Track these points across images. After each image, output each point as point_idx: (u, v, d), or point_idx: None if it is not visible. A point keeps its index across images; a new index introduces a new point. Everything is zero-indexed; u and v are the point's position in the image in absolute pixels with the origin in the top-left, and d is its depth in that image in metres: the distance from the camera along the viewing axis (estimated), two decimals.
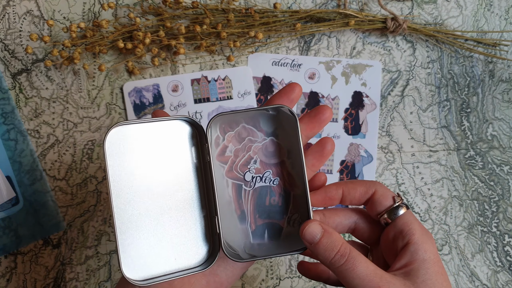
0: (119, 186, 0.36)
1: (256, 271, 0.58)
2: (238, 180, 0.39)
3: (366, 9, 0.59)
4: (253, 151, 0.39)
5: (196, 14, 0.57)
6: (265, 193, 0.39)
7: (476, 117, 0.59)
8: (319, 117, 0.39)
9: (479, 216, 0.58)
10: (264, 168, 0.39)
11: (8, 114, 0.56)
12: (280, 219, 0.39)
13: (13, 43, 0.56)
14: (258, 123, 0.39)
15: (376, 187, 0.38)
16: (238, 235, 0.38)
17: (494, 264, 0.58)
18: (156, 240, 0.37)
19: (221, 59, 0.58)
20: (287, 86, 0.40)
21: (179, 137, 0.38)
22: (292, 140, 0.38)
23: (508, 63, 0.59)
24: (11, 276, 0.56)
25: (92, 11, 0.57)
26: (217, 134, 0.38)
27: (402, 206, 0.37)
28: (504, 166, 0.59)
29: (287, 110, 0.37)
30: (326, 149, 0.40)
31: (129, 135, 0.37)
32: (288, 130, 0.38)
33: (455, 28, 0.59)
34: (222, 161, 0.39)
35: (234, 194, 0.39)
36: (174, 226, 0.38)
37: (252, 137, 0.39)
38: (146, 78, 0.57)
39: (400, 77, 0.59)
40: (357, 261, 0.33)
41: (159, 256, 0.37)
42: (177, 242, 0.38)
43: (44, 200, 0.56)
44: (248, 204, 0.39)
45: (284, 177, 0.39)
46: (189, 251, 0.38)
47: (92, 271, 0.57)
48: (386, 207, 0.37)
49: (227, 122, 0.38)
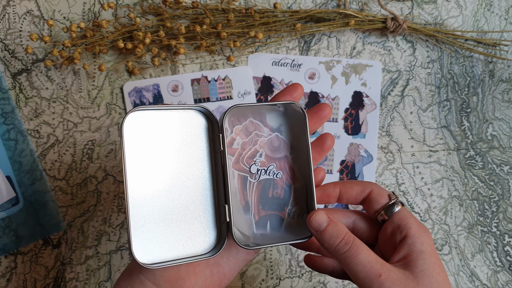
0: (133, 168, 0.37)
1: (256, 271, 0.58)
2: (244, 172, 0.40)
3: (366, 9, 0.59)
4: (259, 145, 0.40)
5: (196, 14, 0.57)
6: (268, 185, 0.40)
7: (476, 117, 0.59)
8: (319, 114, 0.41)
9: (479, 216, 0.59)
10: (268, 162, 0.40)
11: (8, 114, 0.56)
12: (281, 211, 0.41)
13: (13, 43, 0.56)
14: (265, 119, 0.41)
15: (372, 187, 0.40)
16: (242, 225, 0.40)
17: (494, 264, 0.58)
18: (166, 225, 0.38)
19: (221, 59, 0.58)
20: (291, 86, 0.41)
21: (193, 126, 0.40)
22: (296, 136, 0.40)
23: (508, 63, 0.59)
24: (11, 276, 0.56)
25: (92, 11, 0.57)
26: (225, 127, 0.40)
27: (398, 204, 0.39)
28: (504, 166, 0.59)
29: (298, 106, 0.39)
30: (326, 144, 0.42)
31: (146, 120, 0.38)
32: (293, 126, 0.40)
33: (455, 28, 0.59)
34: (230, 153, 0.40)
35: (239, 185, 0.40)
36: (183, 212, 0.38)
37: (259, 131, 0.41)
38: (146, 78, 0.57)
39: (400, 77, 0.59)
40: (360, 249, 0.35)
41: (168, 241, 0.38)
42: (186, 229, 0.39)
43: (44, 200, 0.56)
44: (252, 196, 0.40)
45: (287, 171, 0.41)
46: (197, 238, 0.39)
47: (92, 271, 0.57)
48: (383, 205, 0.39)
49: (235, 115, 0.40)
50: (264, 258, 0.58)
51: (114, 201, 0.57)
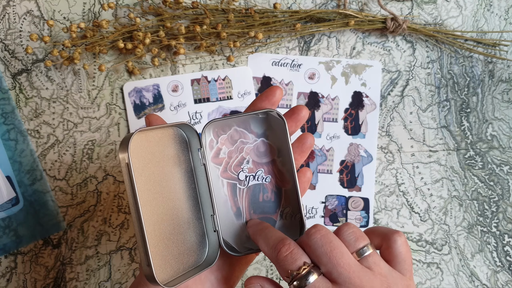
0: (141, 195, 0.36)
1: (256, 271, 0.58)
2: (232, 180, 0.41)
3: (366, 9, 0.59)
4: (245, 152, 0.41)
5: (196, 14, 0.57)
6: (258, 190, 0.41)
7: (476, 117, 0.59)
8: (295, 117, 0.40)
9: (479, 216, 0.59)
10: (256, 167, 0.41)
11: (8, 114, 0.56)
12: (273, 213, 0.41)
13: (13, 43, 0.56)
14: (249, 126, 0.41)
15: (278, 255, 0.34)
16: (235, 231, 0.41)
17: (494, 264, 0.58)
18: (167, 241, 0.38)
19: (221, 59, 0.58)
20: (268, 90, 0.41)
21: (177, 142, 0.40)
22: (281, 140, 0.40)
23: (508, 63, 0.59)
24: (11, 276, 0.56)
25: (92, 11, 0.57)
26: (211, 138, 0.41)
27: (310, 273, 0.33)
28: (504, 166, 0.59)
29: (276, 114, 0.39)
30: (305, 144, 0.41)
31: (137, 143, 0.37)
32: (277, 131, 0.41)
33: (455, 28, 0.59)
34: (217, 162, 0.41)
35: (229, 193, 0.41)
36: (179, 226, 0.39)
37: (244, 139, 0.41)
38: (146, 78, 0.57)
39: (400, 77, 0.59)
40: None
41: (174, 256, 0.38)
42: (185, 241, 0.39)
43: (44, 200, 0.56)
44: (243, 201, 0.41)
45: (276, 174, 0.41)
46: (196, 248, 0.40)
47: (92, 271, 0.57)
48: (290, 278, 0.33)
49: (220, 126, 0.41)
50: (264, 258, 0.58)
51: (114, 201, 0.57)
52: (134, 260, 0.57)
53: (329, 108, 0.59)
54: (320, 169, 0.59)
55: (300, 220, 0.40)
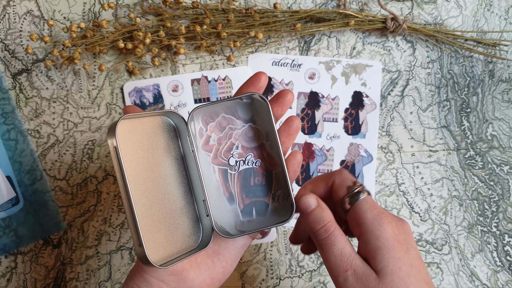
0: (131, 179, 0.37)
1: (256, 271, 0.58)
2: (223, 166, 0.42)
3: (366, 9, 0.59)
4: (234, 137, 0.42)
5: (196, 14, 0.57)
6: (249, 174, 0.42)
7: (476, 117, 0.59)
8: (280, 101, 0.41)
9: (479, 216, 0.59)
10: (246, 152, 0.42)
11: (8, 114, 0.56)
12: (265, 197, 0.42)
13: (13, 43, 0.56)
14: (236, 112, 0.42)
15: (335, 178, 0.40)
16: (229, 215, 0.42)
17: (494, 264, 0.58)
18: (161, 225, 0.39)
19: (221, 59, 0.58)
20: (253, 76, 0.42)
21: (165, 131, 0.41)
22: (268, 124, 0.41)
23: (508, 63, 0.59)
24: (11, 276, 0.56)
25: (92, 11, 0.57)
26: (200, 126, 0.41)
27: (364, 192, 0.38)
28: (504, 166, 0.59)
29: (258, 96, 0.40)
30: (292, 127, 0.42)
31: (125, 130, 0.38)
32: (263, 115, 0.41)
33: (455, 28, 0.59)
34: (207, 150, 0.42)
35: (221, 179, 0.42)
36: (173, 212, 0.40)
37: (232, 125, 0.42)
38: (146, 78, 0.57)
39: (400, 77, 0.59)
40: (337, 240, 0.36)
41: (168, 240, 0.39)
42: (178, 226, 0.40)
43: (44, 200, 0.56)
44: (235, 186, 0.42)
45: (265, 158, 0.42)
46: (190, 233, 0.41)
47: (92, 271, 0.57)
48: (340, 198, 0.39)
49: (208, 114, 0.41)
50: (264, 258, 0.58)
51: (114, 201, 0.57)
52: (134, 260, 0.57)
53: (329, 108, 0.59)
54: (320, 169, 0.59)
55: (291, 202, 0.40)
